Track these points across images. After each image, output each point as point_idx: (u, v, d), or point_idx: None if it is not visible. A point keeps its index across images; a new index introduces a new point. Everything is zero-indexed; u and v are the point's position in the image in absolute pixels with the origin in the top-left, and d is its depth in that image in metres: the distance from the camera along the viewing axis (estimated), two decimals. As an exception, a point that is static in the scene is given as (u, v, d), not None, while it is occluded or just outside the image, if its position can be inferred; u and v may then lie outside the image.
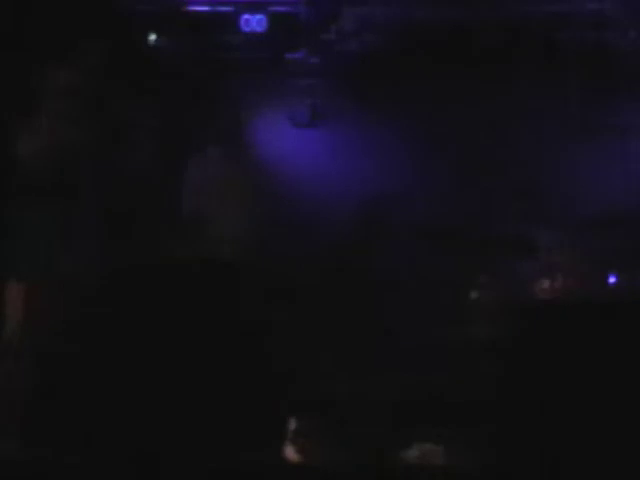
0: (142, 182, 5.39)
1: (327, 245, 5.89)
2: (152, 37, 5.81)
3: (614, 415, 3.61)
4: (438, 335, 5.37)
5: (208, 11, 5.94)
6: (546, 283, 5.42)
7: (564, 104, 6.03)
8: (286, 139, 6.12)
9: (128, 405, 3.22)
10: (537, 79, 6.06)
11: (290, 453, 4.67)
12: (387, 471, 3.93)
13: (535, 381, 4.06)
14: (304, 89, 5.94)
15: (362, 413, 5.11)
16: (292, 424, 4.78)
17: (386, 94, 5.92)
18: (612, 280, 5.62)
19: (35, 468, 3.06)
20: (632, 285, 5.54)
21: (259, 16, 5.84)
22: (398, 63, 5.80)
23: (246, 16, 5.87)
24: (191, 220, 5.42)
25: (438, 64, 5.89)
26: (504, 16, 6.01)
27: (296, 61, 5.87)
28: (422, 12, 5.86)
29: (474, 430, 3.97)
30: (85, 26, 4.84)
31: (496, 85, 6.05)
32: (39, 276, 4.33)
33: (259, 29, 5.85)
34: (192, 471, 3.09)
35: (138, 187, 5.31)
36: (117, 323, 3.52)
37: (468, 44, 5.90)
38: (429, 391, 5.16)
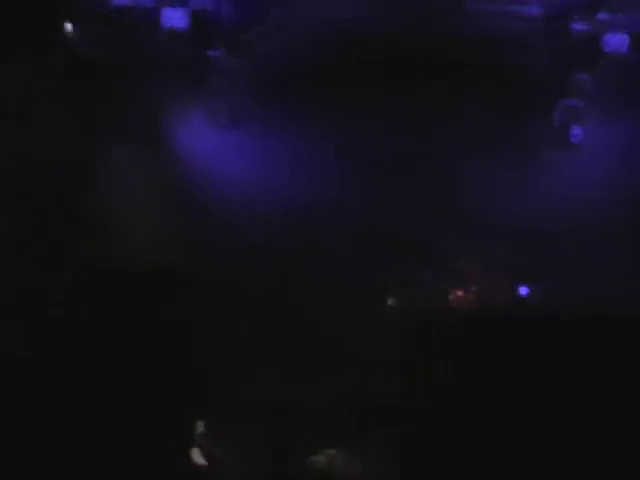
0: (54, 180, 5.27)
1: (245, 248, 5.84)
2: (68, 27, 5.67)
3: (518, 419, 3.66)
4: (346, 339, 5.37)
5: (129, 5, 5.84)
6: (456, 292, 5.47)
7: (476, 118, 6.13)
8: (206, 140, 6.05)
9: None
10: (453, 93, 6.14)
11: (197, 457, 4.59)
12: (293, 476, 3.90)
13: (439, 388, 4.08)
14: (224, 90, 5.89)
15: (271, 417, 5.07)
16: (201, 427, 4.71)
17: (307, 99, 5.91)
18: (523, 291, 5.72)
19: None
20: (540, 297, 5.65)
21: (180, 12, 5.79)
22: (320, 68, 5.80)
23: (167, 11, 5.81)
24: (103, 220, 5.31)
25: (359, 72, 5.92)
26: (425, 30, 6.08)
27: (216, 60, 5.82)
28: (346, 19, 5.88)
29: (380, 436, 3.97)
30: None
31: (414, 95, 6.11)
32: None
33: (180, 25, 5.80)
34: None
35: (50, 185, 5.18)
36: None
37: (387, 54, 5.94)
38: (337, 396, 5.15)
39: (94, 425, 4.22)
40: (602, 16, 6.19)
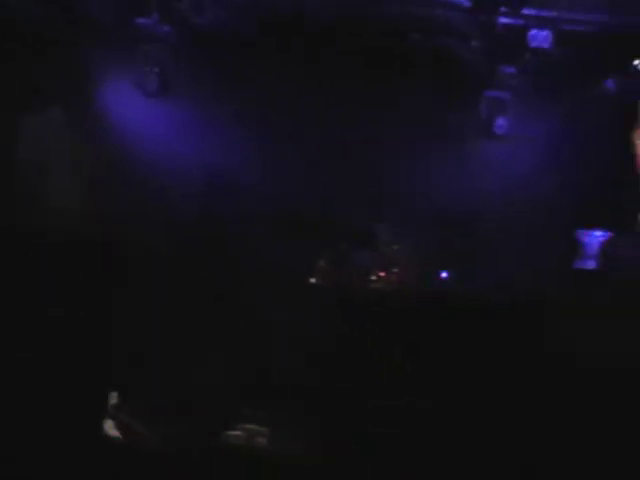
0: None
1: (169, 220, 5.74)
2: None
3: (439, 405, 3.73)
4: (269, 319, 5.36)
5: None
6: (381, 274, 5.52)
7: (412, 106, 6.19)
8: (134, 108, 5.91)
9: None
10: (385, 79, 6.16)
11: (113, 430, 4.51)
12: (211, 451, 3.87)
13: (359, 368, 4.13)
14: (154, 57, 5.75)
15: (189, 394, 5.02)
16: (114, 399, 4.63)
17: (238, 72, 5.83)
18: (444, 275, 5.82)
19: None
20: (461, 281, 5.76)
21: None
22: (254, 43, 5.73)
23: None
24: (24, 187, 5.16)
25: (293, 52, 5.87)
26: (361, 13, 6.08)
27: (147, 27, 5.67)
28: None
29: (300, 414, 3.98)
30: None
31: (349, 79, 6.11)
32: None
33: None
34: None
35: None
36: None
37: (322, 35, 5.92)
38: (258, 375, 5.14)
39: (2, 397, 4.09)
40: (528, 11, 6.32)
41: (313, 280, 5.42)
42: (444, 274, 5.81)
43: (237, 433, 4.75)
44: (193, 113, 5.88)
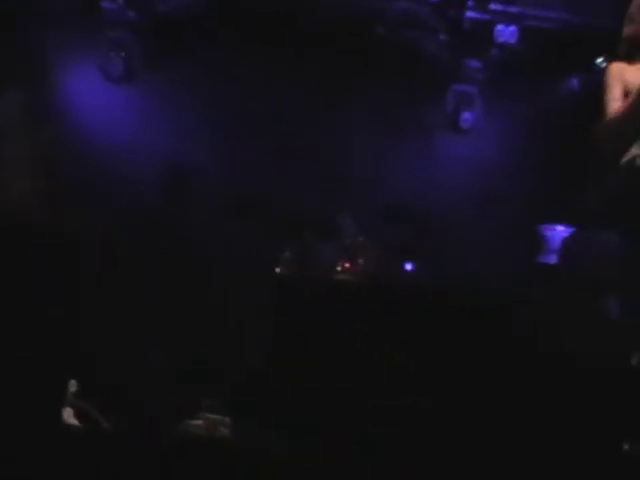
0: None
1: (127, 207, 5.66)
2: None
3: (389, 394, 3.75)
4: (230, 309, 5.34)
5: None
6: (347, 265, 5.51)
7: (378, 99, 6.18)
8: (95, 94, 5.82)
9: None
10: (348, 72, 6.14)
11: (67, 416, 4.47)
12: (170, 439, 3.83)
13: (321, 358, 4.13)
14: (119, 43, 5.66)
15: (145, 382, 4.98)
16: (73, 387, 4.58)
17: (201, 60, 5.76)
18: (408, 267, 5.82)
19: None
20: (425, 273, 5.77)
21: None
22: (214, 31, 5.66)
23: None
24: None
25: (257, 42, 5.83)
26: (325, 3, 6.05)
27: (112, 13, 5.59)
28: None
29: (262, 406, 3.97)
30: None
31: (314, 69, 6.08)
32: None
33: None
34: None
35: None
36: None
37: (283, 26, 5.88)
38: (215, 364, 5.12)
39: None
40: (495, 7, 6.35)
41: (278, 270, 5.40)
42: (409, 266, 5.82)
43: (198, 422, 4.72)
44: (155, 100, 5.80)
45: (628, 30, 3.50)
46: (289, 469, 3.05)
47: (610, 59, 3.58)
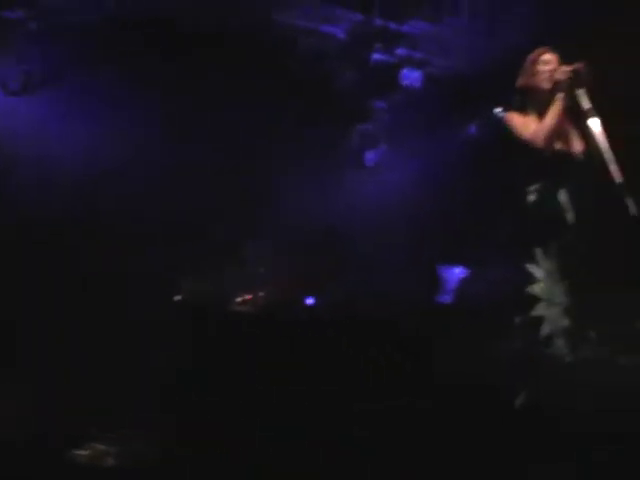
0: None
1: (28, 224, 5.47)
2: None
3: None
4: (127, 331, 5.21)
5: None
6: (247, 297, 5.48)
7: (284, 126, 6.19)
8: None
9: None
10: (263, 101, 6.13)
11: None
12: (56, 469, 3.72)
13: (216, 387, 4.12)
14: (19, 54, 5.45)
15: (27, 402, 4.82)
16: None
17: (105, 69, 5.60)
18: (309, 302, 5.81)
19: None
20: (327, 306, 5.78)
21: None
22: (122, 42, 5.53)
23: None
24: None
25: (164, 55, 5.72)
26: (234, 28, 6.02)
27: (13, 23, 5.39)
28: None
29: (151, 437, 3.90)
30: None
31: (221, 94, 6.05)
32: None
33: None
34: None
35: None
36: None
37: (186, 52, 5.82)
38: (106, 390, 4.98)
39: None
40: (401, 51, 6.53)
41: (178, 297, 5.31)
42: (310, 300, 5.82)
43: (84, 452, 4.56)
44: (55, 110, 5.61)
45: (520, 81, 4.01)
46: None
47: (506, 110, 3.94)
